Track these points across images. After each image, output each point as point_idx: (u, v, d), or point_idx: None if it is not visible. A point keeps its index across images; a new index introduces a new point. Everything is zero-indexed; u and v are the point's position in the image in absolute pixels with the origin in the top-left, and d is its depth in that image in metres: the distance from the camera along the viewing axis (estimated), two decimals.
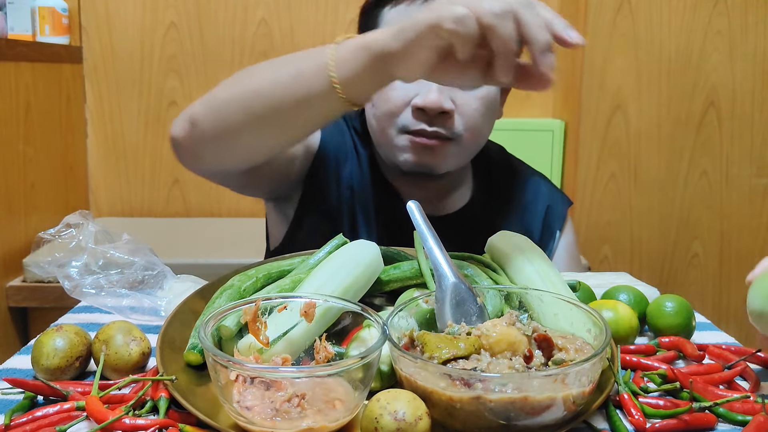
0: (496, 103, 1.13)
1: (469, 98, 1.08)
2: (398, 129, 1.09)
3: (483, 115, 1.10)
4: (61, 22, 2.33)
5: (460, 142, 1.10)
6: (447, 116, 1.07)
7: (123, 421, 0.61)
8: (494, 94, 1.11)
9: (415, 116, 1.07)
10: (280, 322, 0.69)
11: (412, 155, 1.09)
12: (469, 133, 1.09)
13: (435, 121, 1.07)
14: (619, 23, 2.23)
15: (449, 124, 1.07)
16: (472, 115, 1.09)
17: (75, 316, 0.94)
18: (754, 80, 2.25)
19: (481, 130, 1.12)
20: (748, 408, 0.66)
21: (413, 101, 1.06)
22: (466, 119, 1.08)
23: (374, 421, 0.56)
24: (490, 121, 1.14)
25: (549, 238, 1.24)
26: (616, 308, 0.82)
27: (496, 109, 1.15)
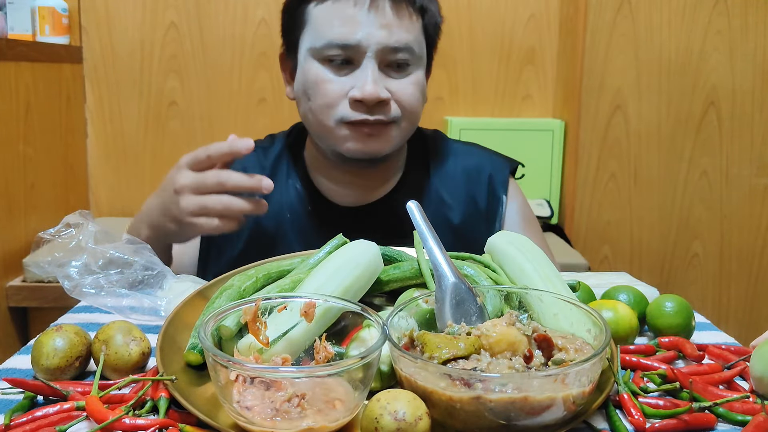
0: (425, 87, 1.19)
1: (403, 84, 1.13)
2: (337, 121, 1.13)
3: (417, 99, 1.16)
4: (61, 22, 2.33)
5: (400, 125, 1.16)
6: (384, 104, 1.12)
7: (123, 421, 0.61)
8: (422, 79, 1.17)
9: (353, 108, 1.11)
10: (280, 322, 0.69)
11: (356, 143, 1.14)
12: (406, 115, 1.15)
13: (374, 110, 1.11)
14: (619, 23, 2.23)
15: (387, 110, 1.12)
16: (408, 100, 1.14)
17: (75, 316, 0.94)
18: (754, 80, 2.25)
19: (416, 112, 1.17)
20: (748, 408, 0.66)
21: (350, 94, 1.10)
22: (403, 104, 1.14)
23: (374, 421, 0.56)
24: (422, 103, 1.19)
25: (496, 204, 1.27)
26: (616, 308, 0.82)
27: (425, 93, 1.20)
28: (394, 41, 1.10)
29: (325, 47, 1.11)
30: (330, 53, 1.11)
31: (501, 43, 2.55)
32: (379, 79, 1.10)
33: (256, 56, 2.52)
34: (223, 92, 2.54)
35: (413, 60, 1.14)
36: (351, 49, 1.10)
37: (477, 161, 1.30)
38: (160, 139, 2.56)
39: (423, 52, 1.17)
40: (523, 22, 2.53)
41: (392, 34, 1.10)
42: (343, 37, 1.10)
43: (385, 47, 1.10)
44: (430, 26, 1.18)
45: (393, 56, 1.11)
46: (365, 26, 1.09)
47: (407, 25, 1.12)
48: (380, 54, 1.10)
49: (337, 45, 1.10)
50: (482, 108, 2.59)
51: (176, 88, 2.53)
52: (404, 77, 1.14)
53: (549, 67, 2.56)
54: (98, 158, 2.56)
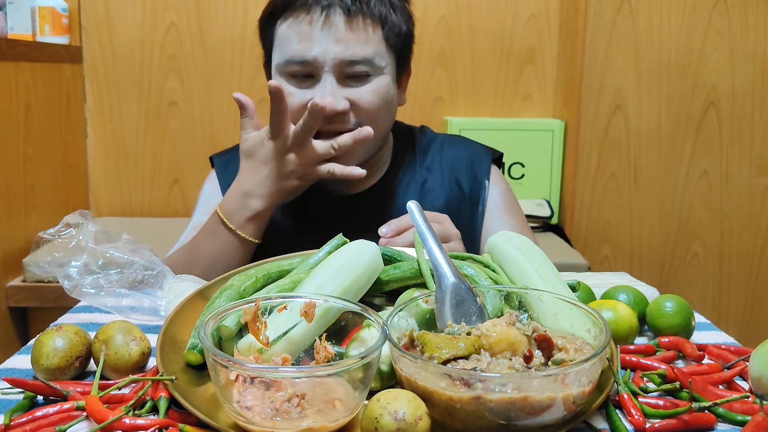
0: (390, 94, 1.20)
1: (363, 93, 1.16)
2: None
3: (379, 107, 1.17)
4: (61, 22, 2.33)
5: None
6: (342, 114, 1.14)
7: (123, 421, 0.61)
8: (386, 87, 1.18)
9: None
10: (280, 322, 0.69)
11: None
12: (367, 123, 1.16)
13: (332, 121, 1.14)
14: (619, 23, 2.23)
15: (345, 120, 1.15)
16: (368, 109, 1.16)
17: (75, 316, 0.94)
18: (754, 80, 2.25)
19: (378, 120, 1.19)
20: (748, 408, 0.66)
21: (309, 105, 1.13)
22: (363, 114, 1.16)
23: (374, 421, 0.56)
24: (387, 110, 1.21)
25: (479, 188, 1.30)
26: (616, 308, 0.82)
27: (392, 99, 1.22)
28: (350, 55, 1.14)
29: (286, 64, 1.16)
30: (291, 69, 1.16)
31: (501, 43, 2.55)
32: (337, 91, 1.14)
33: (256, 56, 2.51)
34: (223, 92, 2.54)
35: (373, 70, 1.16)
36: (309, 64, 1.14)
37: (460, 150, 1.34)
38: (160, 139, 2.56)
39: (385, 61, 1.18)
40: (523, 22, 2.53)
41: (347, 48, 1.14)
42: (301, 53, 1.14)
43: (341, 61, 1.13)
44: (392, 36, 1.19)
45: (350, 69, 1.14)
46: (320, 42, 1.13)
47: (363, 38, 1.15)
48: (337, 68, 1.14)
49: (296, 61, 1.15)
50: (482, 108, 2.59)
51: (176, 88, 2.53)
52: (363, 86, 1.16)
53: (549, 67, 2.55)
54: (98, 158, 2.56)
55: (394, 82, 1.23)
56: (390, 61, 1.20)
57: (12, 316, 2.03)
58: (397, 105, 1.26)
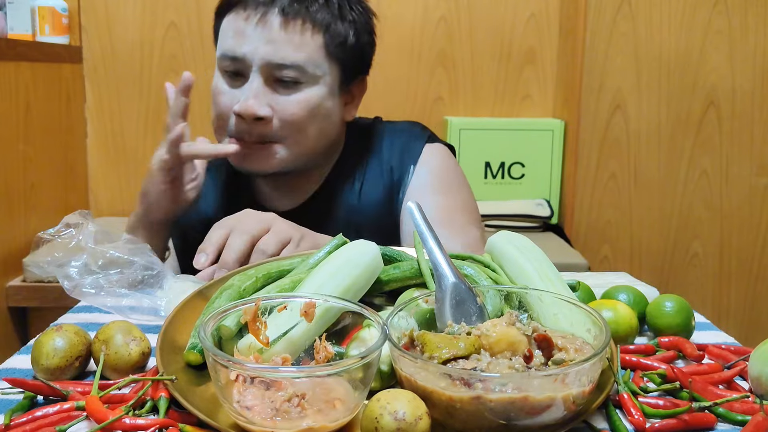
0: (324, 108, 1.14)
1: (288, 103, 1.11)
2: (227, 134, 1.15)
3: (304, 119, 1.12)
4: (61, 22, 2.33)
5: (285, 144, 1.13)
6: (265, 122, 1.11)
7: (123, 421, 0.61)
8: (318, 99, 1.12)
9: (236, 122, 1.12)
10: (280, 322, 0.69)
11: (236, 159, 1.14)
12: (291, 134, 1.13)
13: (254, 127, 1.11)
14: (619, 23, 2.23)
15: (268, 128, 1.11)
16: (291, 119, 1.11)
17: (75, 315, 0.94)
18: (754, 80, 2.25)
19: (306, 132, 1.13)
20: (748, 408, 0.66)
21: (233, 108, 1.11)
22: (285, 123, 1.11)
23: (374, 421, 0.56)
24: (320, 123, 1.15)
25: (403, 176, 1.23)
26: (616, 308, 0.82)
27: (329, 113, 1.15)
28: (279, 58, 1.09)
29: (221, 58, 1.15)
30: (223, 65, 1.14)
31: (501, 43, 2.54)
32: (262, 94, 1.10)
33: None
34: None
35: (305, 78, 1.11)
36: (239, 61, 1.11)
37: (395, 138, 1.27)
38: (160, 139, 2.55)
39: (322, 71, 1.12)
40: (523, 22, 2.53)
41: (278, 50, 1.09)
42: (232, 49, 1.12)
43: (269, 63, 1.09)
44: (333, 45, 1.13)
45: (279, 72, 1.10)
46: (252, 40, 1.10)
47: (297, 42, 1.10)
48: (265, 69, 1.10)
49: (227, 57, 1.13)
50: (482, 108, 2.59)
51: None
52: (290, 94, 1.11)
53: (549, 67, 2.55)
54: (98, 158, 2.56)
55: (335, 95, 1.16)
56: (330, 72, 1.14)
57: (12, 316, 2.03)
58: (337, 120, 1.19)
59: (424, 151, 1.24)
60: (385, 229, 1.21)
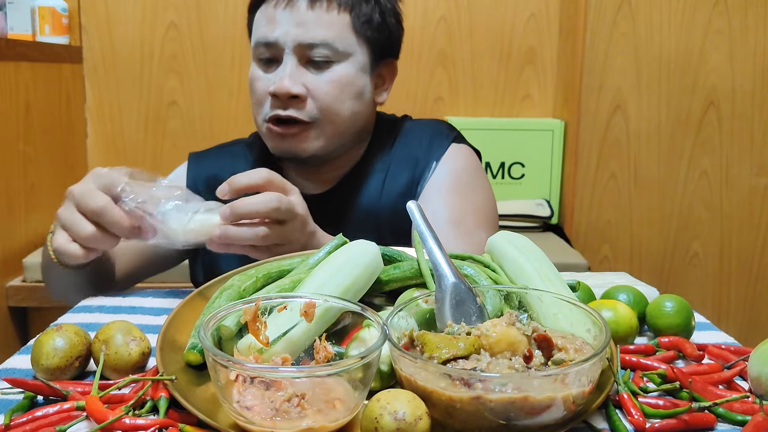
0: (355, 85, 1.18)
1: (320, 83, 1.15)
2: (263, 117, 1.18)
3: (337, 96, 1.16)
4: (61, 22, 2.33)
5: (319, 125, 1.17)
6: (299, 100, 1.14)
7: (123, 421, 0.61)
8: (350, 77, 1.17)
9: (271, 103, 1.16)
10: (280, 322, 0.69)
11: (274, 142, 1.18)
12: (325, 115, 1.16)
13: (289, 106, 1.15)
14: (619, 23, 2.23)
15: (302, 107, 1.15)
16: (324, 98, 1.15)
17: (75, 315, 0.94)
18: (754, 80, 2.25)
19: (339, 111, 1.17)
20: (748, 408, 0.66)
21: (268, 89, 1.16)
22: (319, 101, 1.15)
23: (374, 421, 0.56)
24: (352, 102, 1.18)
25: (425, 170, 1.25)
26: (616, 308, 0.82)
27: (360, 91, 1.19)
28: (310, 37, 1.14)
29: (255, 47, 1.20)
30: (258, 53, 1.19)
31: (501, 43, 2.55)
32: (296, 74, 1.14)
33: None
34: (223, 92, 2.54)
35: (335, 56, 1.15)
36: (272, 46, 1.16)
37: (422, 133, 1.30)
38: (160, 139, 2.56)
39: (352, 49, 1.17)
40: (523, 22, 2.53)
41: (307, 30, 1.14)
42: (264, 36, 1.16)
43: (301, 43, 1.14)
44: (359, 23, 1.17)
45: (310, 52, 1.14)
46: (282, 24, 1.15)
47: (326, 21, 1.15)
48: (298, 50, 1.14)
49: (261, 44, 1.17)
50: (482, 108, 2.59)
51: (176, 88, 2.53)
52: (322, 73, 1.15)
53: (549, 67, 2.55)
54: (98, 158, 2.56)
55: (366, 74, 1.20)
56: (360, 50, 1.18)
57: (12, 316, 2.03)
58: (368, 101, 1.22)
59: (450, 149, 1.27)
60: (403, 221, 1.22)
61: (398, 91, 2.54)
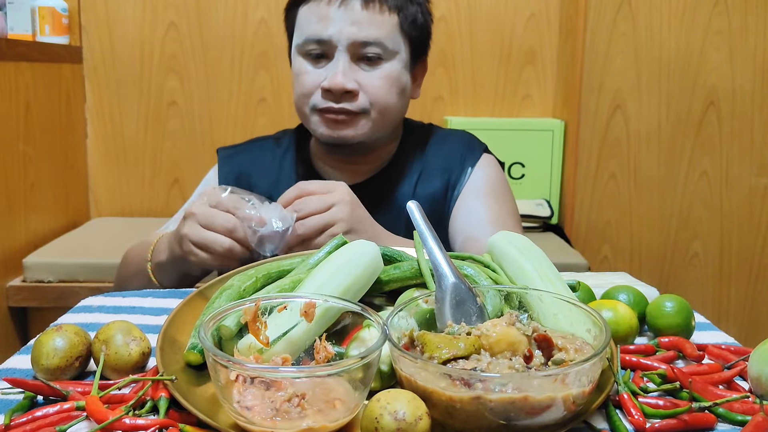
0: (401, 82, 1.27)
1: (371, 78, 1.23)
2: (311, 108, 1.25)
3: (387, 91, 1.24)
4: (61, 22, 2.33)
5: (369, 115, 1.25)
6: (352, 95, 1.22)
7: (123, 421, 0.61)
8: (397, 73, 1.25)
9: (323, 96, 1.23)
10: (280, 322, 0.69)
11: (326, 128, 1.25)
12: (375, 107, 1.24)
13: (341, 100, 1.22)
14: (619, 23, 2.23)
15: (354, 101, 1.23)
16: (375, 93, 1.23)
17: (75, 316, 0.94)
18: (754, 80, 2.25)
19: (388, 105, 1.26)
20: (748, 408, 0.66)
21: (322, 84, 1.22)
22: (371, 96, 1.23)
23: (374, 421, 0.56)
24: (398, 97, 1.27)
25: (461, 175, 1.35)
26: (616, 308, 0.82)
27: (404, 87, 1.29)
28: (364, 36, 1.21)
29: (304, 43, 1.24)
30: (308, 48, 1.24)
31: (501, 43, 2.55)
32: (349, 71, 1.22)
33: (256, 56, 2.52)
34: (223, 92, 2.54)
35: (385, 54, 1.23)
36: (324, 43, 1.22)
37: (456, 143, 1.39)
38: (160, 139, 2.56)
39: (399, 48, 1.25)
40: (523, 22, 2.53)
41: (362, 29, 1.21)
42: (317, 33, 1.22)
43: (354, 41, 1.21)
44: (406, 23, 1.26)
45: (363, 50, 1.22)
46: (337, 23, 1.21)
47: (378, 21, 1.22)
48: (351, 48, 1.21)
49: (313, 40, 1.23)
50: (482, 108, 2.59)
51: (176, 88, 2.53)
52: (374, 70, 1.23)
53: (549, 67, 2.55)
54: (98, 158, 2.56)
55: (408, 71, 1.29)
56: (404, 48, 1.26)
57: (12, 316, 2.03)
58: (409, 96, 1.32)
59: (482, 158, 1.37)
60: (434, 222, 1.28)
61: None
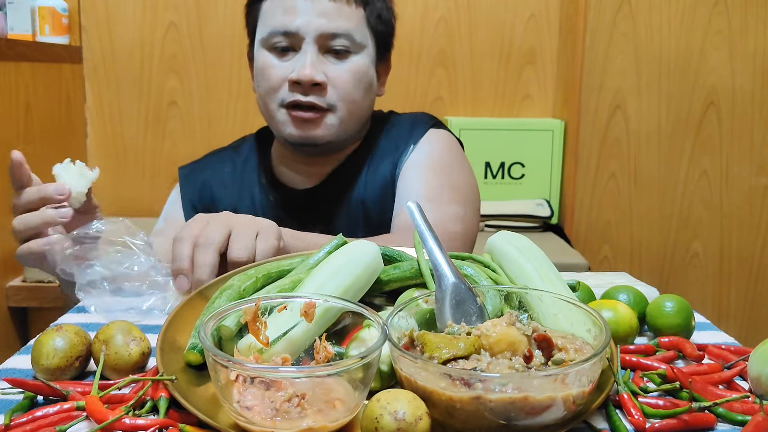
0: (368, 77, 1.24)
1: (341, 71, 1.21)
2: (278, 104, 1.22)
3: (355, 86, 1.22)
4: (61, 22, 2.33)
5: (336, 112, 1.22)
6: (320, 88, 1.19)
7: (123, 421, 0.61)
8: (365, 68, 1.23)
9: (291, 89, 1.20)
10: (280, 322, 0.69)
11: (294, 128, 1.21)
12: (343, 102, 1.21)
13: (309, 93, 1.19)
14: (619, 23, 2.23)
15: (323, 95, 1.20)
16: (344, 86, 1.20)
17: (75, 316, 0.94)
18: (754, 80, 2.25)
19: (355, 100, 1.23)
20: (748, 408, 0.66)
21: (290, 76, 1.19)
22: (339, 90, 1.20)
23: (374, 421, 0.56)
24: (365, 92, 1.24)
25: (405, 152, 1.30)
26: (616, 308, 0.82)
27: (371, 82, 1.26)
28: (333, 27, 1.19)
29: (270, 35, 1.21)
30: (274, 41, 1.20)
31: (501, 43, 2.55)
32: (317, 63, 1.19)
33: None
34: (223, 92, 2.54)
35: (353, 47, 1.21)
36: (292, 35, 1.19)
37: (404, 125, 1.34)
38: (160, 139, 2.56)
39: (366, 41, 1.23)
40: (523, 22, 2.53)
41: (330, 20, 1.19)
42: (284, 24, 1.19)
43: (323, 33, 1.18)
44: (372, 17, 1.24)
45: (331, 42, 1.19)
46: (304, 14, 1.18)
47: (346, 12, 1.20)
48: (319, 40, 1.19)
49: (279, 32, 1.20)
50: (482, 108, 2.59)
51: (176, 88, 2.53)
52: (341, 62, 1.21)
53: (549, 67, 2.55)
54: (98, 158, 2.56)
55: (374, 66, 1.26)
56: (371, 43, 1.25)
57: (12, 316, 2.03)
58: (374, 93, 1.29)
59: (428, 133, 1.32)
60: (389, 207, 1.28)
61: (398, 91, 2.54)
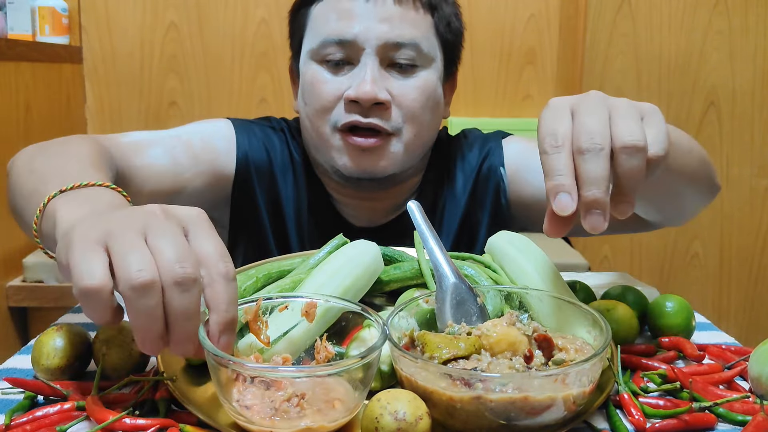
0: (437, 95, 1.06)
1: (407, 88, 1.01)
2: (332, 126, 1.02)
3: (423, 106, 1.02)
4: (61, 22, 2.33)
5: (402, 137, 1.02)
6: (383, 108, 1.00)
7: (123, 421, 0.61)
8: (433, 85, 1.04)
9: (347, 109, 1.00)
10: (280, 322, 0.69)
11: (350, 160, 1.02)
12: (410, 125, 1.02)
13: (370, 114, 0.99)
14: (619, 23, 2.23)
15: (386, 116, 1.00)
16: (411, 106, 1.01)
17: (75, 315, 0.94)
18: (754, 80, 2.25)
19: (423, 123, 1.03)
20: (748, 408, 0.66)
21: (345, 93, 0.99)
22: (405, 110, 1.01)
23: (374, 421, 0.56)
24: (433, 114, 1.06)
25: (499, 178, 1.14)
26: (616, 308, 0.82)
27: (439, 103, 1.07)
28: (397, 35, 0.99)
29: (322, 45, 1.01)
30: (326, 52, 1.01)
31: (501, 43, 2.55)
32: (379, 78, 0.99)
33: (256, 56, 2.52)
34: (223, 92, 2.54)
35: (420, 60, 1.02)
36: (348, 45, 0.99)
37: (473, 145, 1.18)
38: None
39: (434, 54, 1.04)
40: (523, 22, 2.53)
41: (394, 27, 0.99)
42: (339, 32, 0.99)
43: (386, 42, 0.99)
44: (441, 25, 1.05)
45: (396, 53, 1.00)
46: (363, 19, 0.99)
47: (413, 19, 1.01)
48: (381, 50, 0.99)
49: (333, 41, 1.00)
50: (482, 108, 2.59)
51: (176, 88, 2.53)
52: (407, 78, 1.01)
53: (549, 67, 2.55)
54: None
55: (441, 84, 1.08)
56: (439, 56, 1.06)
57: (12, 316, 2.03)
58: (441, 114, 1.10)
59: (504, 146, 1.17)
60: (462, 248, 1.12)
61: None
